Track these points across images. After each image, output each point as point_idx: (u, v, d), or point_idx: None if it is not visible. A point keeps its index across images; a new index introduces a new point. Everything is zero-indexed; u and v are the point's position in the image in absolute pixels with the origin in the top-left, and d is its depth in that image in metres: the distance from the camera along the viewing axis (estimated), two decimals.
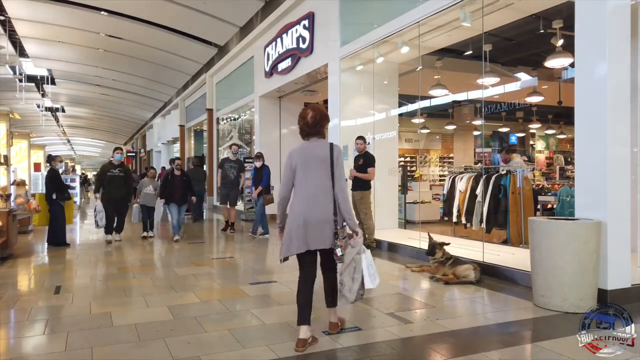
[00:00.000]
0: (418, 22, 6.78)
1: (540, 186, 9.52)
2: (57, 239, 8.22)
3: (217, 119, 16.80)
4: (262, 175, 9.19)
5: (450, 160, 18.15)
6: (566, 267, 4.12)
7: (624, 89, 4.42)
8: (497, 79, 8.87)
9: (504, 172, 7.30)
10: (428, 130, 16.35)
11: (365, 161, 7.22)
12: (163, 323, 3.89)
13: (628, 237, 4.48)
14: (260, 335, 3.63)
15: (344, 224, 3.39)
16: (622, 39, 4.40)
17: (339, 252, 3.31)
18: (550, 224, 4.33)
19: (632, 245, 5.20)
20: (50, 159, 8.87)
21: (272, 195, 9.24)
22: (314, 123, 3.46)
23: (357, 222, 3.97)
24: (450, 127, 17.09)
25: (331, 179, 3.38)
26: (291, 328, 3.74)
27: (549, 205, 7.87)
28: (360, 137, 7.47)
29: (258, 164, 9.26)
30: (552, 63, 7.98)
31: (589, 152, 4.50)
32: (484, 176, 7.49)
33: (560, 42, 7.79)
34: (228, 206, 9.93)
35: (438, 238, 6.19)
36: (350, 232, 3.41)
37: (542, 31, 8.28)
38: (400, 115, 9.83)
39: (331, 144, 3.47)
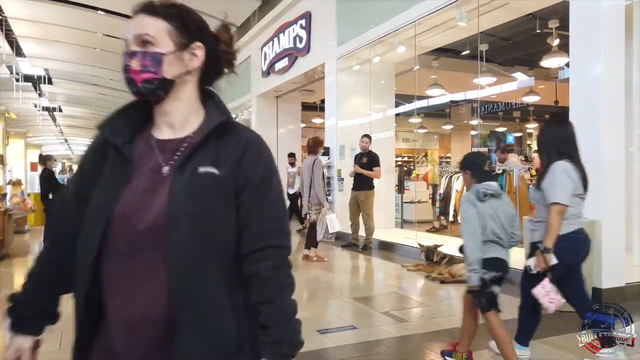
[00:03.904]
0: (414, 21, 6.80)
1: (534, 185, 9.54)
2: None
3: None
4: None
5: (447, 160, 18.18)
6: None
7: (618, 89, 4.43)
8: (494, 79, 8.89)
9: (500, 171, 7.32)
10: (425, 130, 16.37)
11: (369, 160, 7.19)
12: None
13: (622, 236, 4.50)
14: None
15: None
16: (617, 40, 4.41)
17: (312, 214, 6.37)
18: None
19: (627, 244, 5.23)
20: (45, 159, 8.82)
21: None
22: (311, 145, 6.49)
23: (327, 199, 6.53)
24: (448, 127, 17.13)
25: (311, 176, 6.33)
26: None
27: None
28: (366, 135, 7.43)
29: None
30: (548, 63, 8.01)
31: (584, 152, 4.50)
32: None
33: (557, 41, 7.82)
34: None
35: (430, 240, 6.22)
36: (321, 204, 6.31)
37: (538, 31, 8.31)
38: (398, 115, 9.85)
39: (314, 160, 6.35)
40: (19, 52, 16.36)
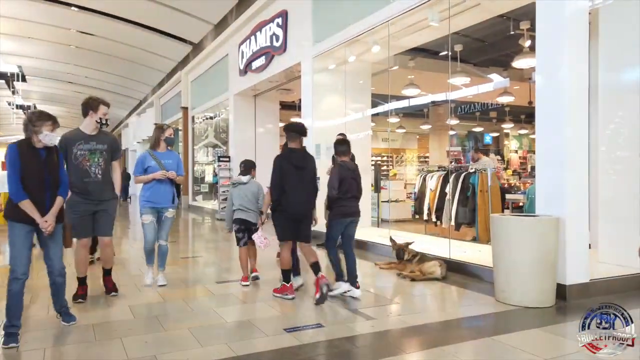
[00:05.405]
0: (387, 21, 6.83)
1: (509, 184, 9.69)
2: None
3: (193, 117, 16.63)
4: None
5: (426, 159, 18.34)
6: (525, 262, 4.20)
7: (582, 90, 4.53)
8: (468, 79, 8.99)
9: (472, 170, 7.40)
10: (404, 130, 16.46)
11: None
12: (122, 322, 3.83)
13: (586, 233, 4.60)
14: (221, 333, 3.60)
15: None
16: (581, 42, 4.51)
17: None
18: (509, 220, 4.41)
19: (592, 241, 5.34)
20: None
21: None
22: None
23: None
24: (426, 127, 17.28)
25: None
26: (253, 326, 3.72)
27: (521, 203, 8.01)
28: (342, 134, 7.36)
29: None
30: (520, 64, 8.13)
31: (549, 151, 4.60)
32: (452, 175, 7.59)
33: (528, 43, 7.94)
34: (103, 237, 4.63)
35: (407, 237, 6.25)
36: None
37: (512, 32, 8.42)
38: (377, 114, 9.87)
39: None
40: None
